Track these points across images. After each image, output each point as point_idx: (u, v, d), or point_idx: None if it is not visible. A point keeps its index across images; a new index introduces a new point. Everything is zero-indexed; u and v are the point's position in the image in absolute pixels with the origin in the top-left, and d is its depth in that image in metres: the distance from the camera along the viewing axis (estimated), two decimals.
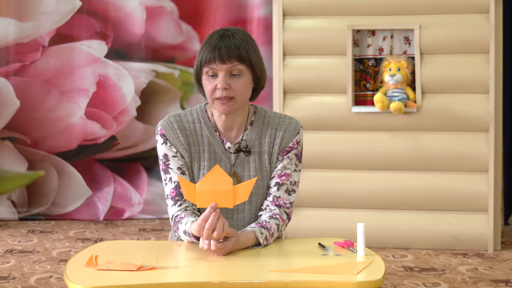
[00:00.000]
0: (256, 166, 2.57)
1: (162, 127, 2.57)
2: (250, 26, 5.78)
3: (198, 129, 2.58)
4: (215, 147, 2.57)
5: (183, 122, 2.58)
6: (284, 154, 2.58)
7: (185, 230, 2.43)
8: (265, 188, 2.58)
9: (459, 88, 4.79)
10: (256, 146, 2.59)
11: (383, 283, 2.13)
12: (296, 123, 2.62)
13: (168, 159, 2.55)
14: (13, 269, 4.38)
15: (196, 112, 2.61)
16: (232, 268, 2.21)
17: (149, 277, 2.10)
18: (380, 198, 4.88)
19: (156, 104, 5.89)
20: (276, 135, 2.59)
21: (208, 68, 2.49)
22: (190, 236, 2.41)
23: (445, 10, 4.80)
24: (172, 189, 2.54)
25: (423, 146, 4.83)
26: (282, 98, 4.96)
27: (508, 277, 4.21)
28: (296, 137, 2.60)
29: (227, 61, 2.47)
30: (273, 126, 2.60)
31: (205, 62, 2.49)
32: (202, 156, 2.56)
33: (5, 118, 5.80)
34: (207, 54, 2.48)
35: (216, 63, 2.47)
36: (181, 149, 2.55)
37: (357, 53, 4.94)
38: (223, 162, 2.56)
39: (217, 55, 2.47)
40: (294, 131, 2.60)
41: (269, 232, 2.48)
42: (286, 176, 2.58)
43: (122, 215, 5.88)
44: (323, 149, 4.93)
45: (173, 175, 2.54)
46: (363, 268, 2.17)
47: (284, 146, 2.58)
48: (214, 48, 2.48)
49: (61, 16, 5.80)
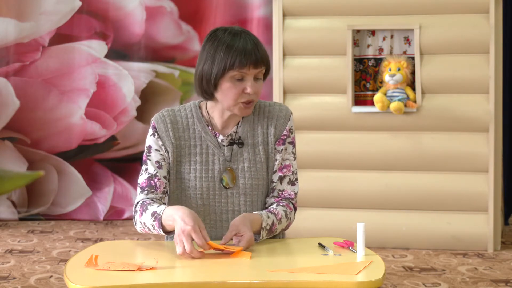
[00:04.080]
0: (250, 157, 2.58)
1: (154, 120, 2.59)
2: (250, 26, 5.78)
3: (191, 124, 2.58)
4: (207, 141, 2.57)
5: (176, 116, 2.59)
6: (280, 144, 2.60)
7: (154, 211, 2.42)
8: (259, 179, 2.58)
9: (459, 88, 4.79)
10: (249, 138, 2.59)
11: (383, 283, 2.12)
12: (286, 109, 2.63)
13: (150, 151, 2.56)
14: (13, 269, 4.38)
15: (189, 108, 2.61)
16: (232, 268, 2.21)
17: (149, 277, 2.10)
18: (380, 198, 4.88)
19: (156, 104, 5.89)
20: (269, 124, 2.60)
21: (238, 72, 2.46)
22: (156, 219, 2.40)
23: (445, 10, 4.80)
24: (145, 180, 2.55)
25: (423, 146, 4.83)
26: (282, 98, 4.96)
27: (508, 277, 4.21)
28: (288, 124, 2.61)
29: (259, 66, 2.48)
30: (264, 115, 2.61)
31: (236, 66, 2.44)
32: (193, 151, 2.57)
33: (5, 118, 5.80)
34: (242, 58, 2.44)
35: (250, 68, 2.45)
36: (167, 143, 2.55)
37: (357, 53, 4.94)
38: (216, 155, 2.56)
39: (253, 59, 2.45)
40: (285, 118, 2.62)
41: (276, 217, 2.51)
42: (287, 167, 2.61)
43: (122, 215, 5.88)
44: (323, 149, 4.93)
45: (150, 167, 2.55)
46: (363, 268, 2.17)
47: (279, 136, 2.60)
48: (248, 52, 2.45)
49: (61, 16, 5.79)
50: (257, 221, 2.46)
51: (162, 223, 2.41)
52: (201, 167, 2.55)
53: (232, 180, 2.56)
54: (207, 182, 2.55)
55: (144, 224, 2.48)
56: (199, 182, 2.54)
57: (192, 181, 2.54)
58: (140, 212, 2.50)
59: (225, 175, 2.56)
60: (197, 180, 2.54)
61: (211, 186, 2.55)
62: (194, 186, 2.54)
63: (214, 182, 2.55)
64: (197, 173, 2.55)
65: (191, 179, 2.55)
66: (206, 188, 2.54)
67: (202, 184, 2.54)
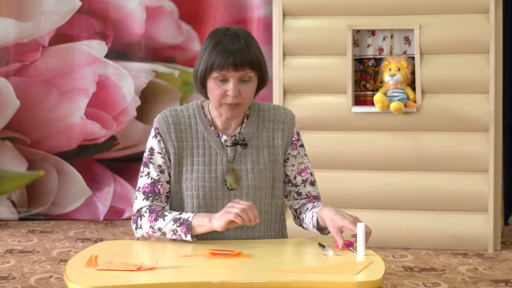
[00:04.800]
0: (254, 159, 2.57)
1: (157, 121, 2.57)
2: (250, 26, 5.78)
3: (193, 124, 2.57)
4: (210, 142, 2.56)
5: (178, 117, 2.58)
6: (294, 148, 2.62)
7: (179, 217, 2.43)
8: (263, 181, 2.57)
9: (459, 88, 4.79)
10: (253, 140, 2.59)
11: (383, 283, 2.12)
12: (290, 113, 2.65)
13: (153, 153, 2.56)
14: (13, 269, 4.38)
15: (192, 108, 2.60)
16: (232, 268, 2.21)
17: (149, 277, 2.10)
18: (380, 198, 4.88)
19: (156, 104, 5.89)
20: (274, 127, 2.60)
21: (219, 74, 2.44)
22: (183, 224, 2.42)
23: (445, 10, 4.80)
24: (147, 185, 2.55)
25: (423, 146, 4.83)
26: (282, 98, 4.96)
27: (508, 277, 4.21)
28: (294, 128, 2.63)
29: (240, 69, 2.43)
30: (269, 118, 2.61)
31: (217, 67, 2.42)
32: (196, 152, 2.56)
33: (5, 118, 5.80)
34: (220, 60, 2.42)
35: (230, 70, 2.42)
36: (169, 144, 2.55)
37: (357, 53, 4.94)
38: (219, 156, 2.56)
39: (232, 62, 2.41)
40: (291, 122, 2.63)
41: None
42: (304, 170, 2.64)
43: (122, 215, 5.88)
44: (323, 149, 4.93)
45: (152, 171, 2.54)
46: (363, 268, 2.17)
47: (289, 140, 2.61)
48: (228, 54, 2.42)
49: (61, 16, 5.80)
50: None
51: (192, 225, 2.41)
52: (204, 167, 2.54)
53: (235, 182, 2.55)
54: (210, 183, 2.54)
55: (159, 230, 2.47)
56: (202, 182, 2.54)
57: (195, 182, 2.54)
58: (153, 218, 2.48)
59: (228, 177, 2.55)
60: (199, 180, 2.54)
61: (214, 186, 2.54)
62: (197, 187, 2.53)
63: (217, 183, 2.54)
64: (199, 174, 2.54)
65: (194, 180, 2.54)
66: (209, 188, 2.54)
67: (205, 184, 2.54)
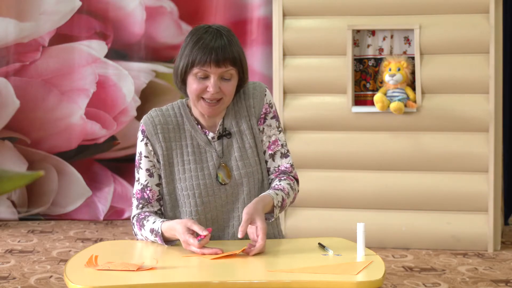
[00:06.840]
0: (240, 145, 2.56)
1: (143, 123, 2.57)
2: (250, 26, 5.78)
3: (180, 123, 2.56)
4: (198, 140, 2.56)
5: (165, 116, 2.57)
6: (262, 123, 2.59)
7: (152, 229, 2.45)
8: (252, 165, 2.56)
9: (459, 88, 4.79)
10: (234, 126, 2.57)
11: (383, 283, 2.12)
12: (259, 85, 2.61)
13: (141, 157, 2.57)
14: (13, 269, 4.38)
15: (178, 107, 2.59)
16: (232, 268, 2.21)
17: (149, 277, 2.10)
18: (380, 198, 4.88)
19: (156, 104, 5.88)
20: (247, 106, 2.58)
21: (200, 70, 2.44)
22: (157, 236, 2.44)
23: (445, 10, 4.80)
24: (138, 191, 2.57)
25: (423, 146, 4.83)
26: (282, 98, 4.96)
27: (508, 277, 4.21)
28: (265, 99, 2.59)
29: (222, 65, 2.43)
30: (241, 99, 2.58)
31: (198, 63, 2.43)
32: (185, 151, 2.55)
33: (5, 118, 5.80)
34: (202, 56, 2.42)
35: (211, 66, 2.43)
36: (157, 146, 2.55)
37: (357, 53, 4.94)
38: (209, 152, 2.55)
39: (213, 58, 2.42)
40: (261, 94, 2.59)
41: (284, 192, 2.52)
42: (274, 143, 2.60)
43: (122, 215, 5.88)
44: (323, 149, 4.93)
45: (141, 176, 2.56)
46: (363, 268, 2.17)
47: (259, 114, 2.58)
48: (210, 50, 2.42)
49: (61, 16, 5.80)
50: (269, 203, 2.46)
51: (164, 236, 2.44)
52: (195, 165, 2.54)
53: (227, 176, 2.55)
54: (203, 180, 2.53)
55: (146, 238, 2.51)
56: (196, 181, 2.53)
57: (189, 181, 2.53)
58: (138, 227, 2.53)
59: (220, 172, 2.54)
60: (193, 179, 2.53)
61: (208, 183, 2.54)
62: (191, 186, 2.53)
63: (211, 179, 2.54)
64: (192, 172, 2.53)
65: (187, 179, 2.53)
66: (204, 186, 2.53)
67: (199, 182, 2.53)
